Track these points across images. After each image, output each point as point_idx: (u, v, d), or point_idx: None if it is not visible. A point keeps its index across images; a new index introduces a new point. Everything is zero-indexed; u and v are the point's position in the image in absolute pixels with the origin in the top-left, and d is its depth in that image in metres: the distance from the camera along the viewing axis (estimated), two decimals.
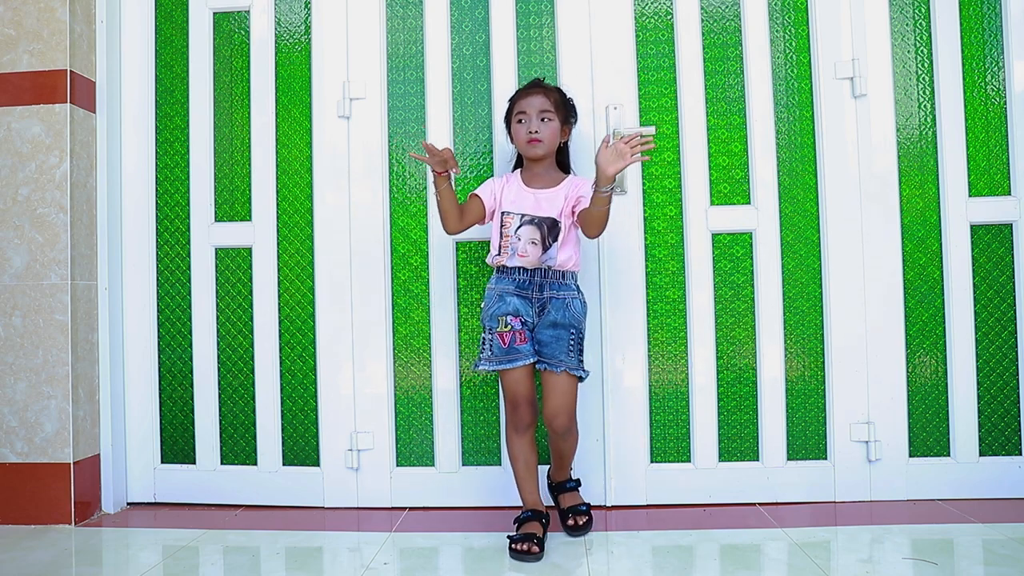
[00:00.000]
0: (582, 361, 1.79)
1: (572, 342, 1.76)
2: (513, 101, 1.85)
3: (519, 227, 1.77)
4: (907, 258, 2.06)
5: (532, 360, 1.76)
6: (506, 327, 1.76)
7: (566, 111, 1.84)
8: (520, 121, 1.80)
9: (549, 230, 1.76)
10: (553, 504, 1.93)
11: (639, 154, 1.58)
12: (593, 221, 1.69)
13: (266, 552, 1.77)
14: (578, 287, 1.82)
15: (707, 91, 2.10)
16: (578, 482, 1.93)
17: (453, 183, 1.81)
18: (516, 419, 1.79)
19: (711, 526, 1.88)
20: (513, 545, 1.68)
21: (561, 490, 1.91)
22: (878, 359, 2.04)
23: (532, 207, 1.78)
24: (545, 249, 1.76)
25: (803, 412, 2.07)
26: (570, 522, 1.82)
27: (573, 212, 1.77)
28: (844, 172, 2.06)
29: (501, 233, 1.80)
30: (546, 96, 1.80)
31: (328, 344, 2.13)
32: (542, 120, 1.78)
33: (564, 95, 1.85)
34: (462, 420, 2.12)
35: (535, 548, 1.66)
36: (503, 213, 1.81)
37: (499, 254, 1.80)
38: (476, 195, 1.85)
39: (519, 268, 1.78)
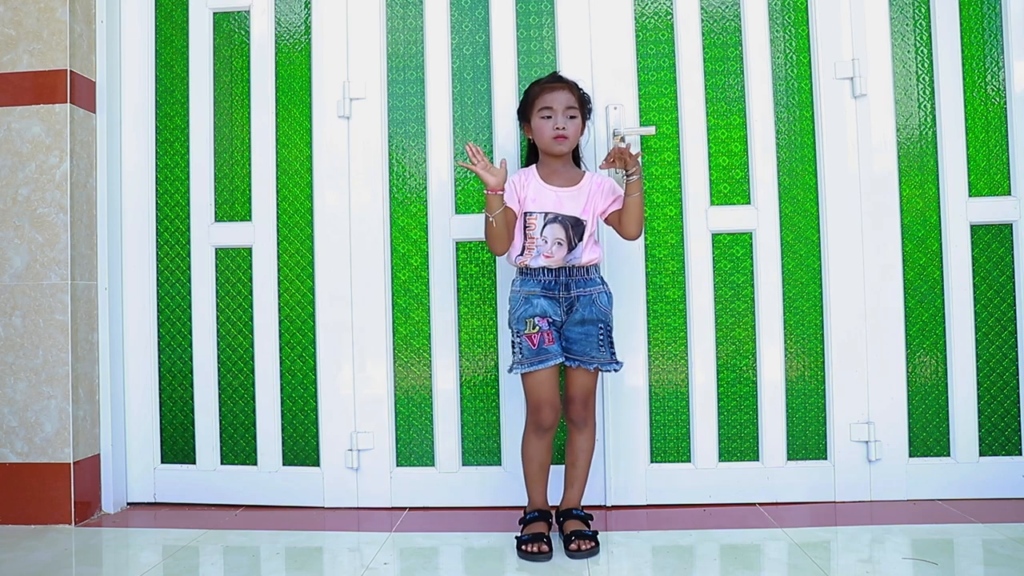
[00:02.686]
0: (614, 353, 1.77)
1: (602, 336, 1.75)
2: (534, 95, 1.79)
3: (544, 227, 1.75)
4: (907, 258, 2.06)
5: (560, 360, 1.73)
6: (534, 328, 1.73)
7: (584, 107, 1.83)
8: (545, 117, 1.75)
9: (573, 229, 1.75)
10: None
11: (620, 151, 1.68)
12: (631, 215, 1.73)
13: (266, 552, 1.77)
14: (602, 279, 1.80)
15: (707, 91, 2.10)
16: (589, 515, 1.79)
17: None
18: (539, 420, 1.74)
19: (711, 526, 1.88)
20: (523, 546, 1.67)
21: (568, 516, 1.77)
22: (878, 359, 2.04)
23: (554, 205, 1.75)
24: (571, 249, 1.75)
25: (803, 412, 2.07)
26: (573, 546, 1.68)
27: (603, 213, 1.79)
28: (844, 172, 2.06)
29: (525, 234, 1.77)
30: (571, 92, 1.77)
31: (328, 344, 2.13)
32: (569, 117, 1.75)
33: (583, 91, 1.83)
34: (462, 420, 2.12)
35: (545, 548, 1.66)
36: (526, 213, 1.77)
37: (522, 254, 1.78)
38: (507, 206, 1.76)
39: (543, 268, 1.76)
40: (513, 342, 1.77)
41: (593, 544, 1.69)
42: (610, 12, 2.10)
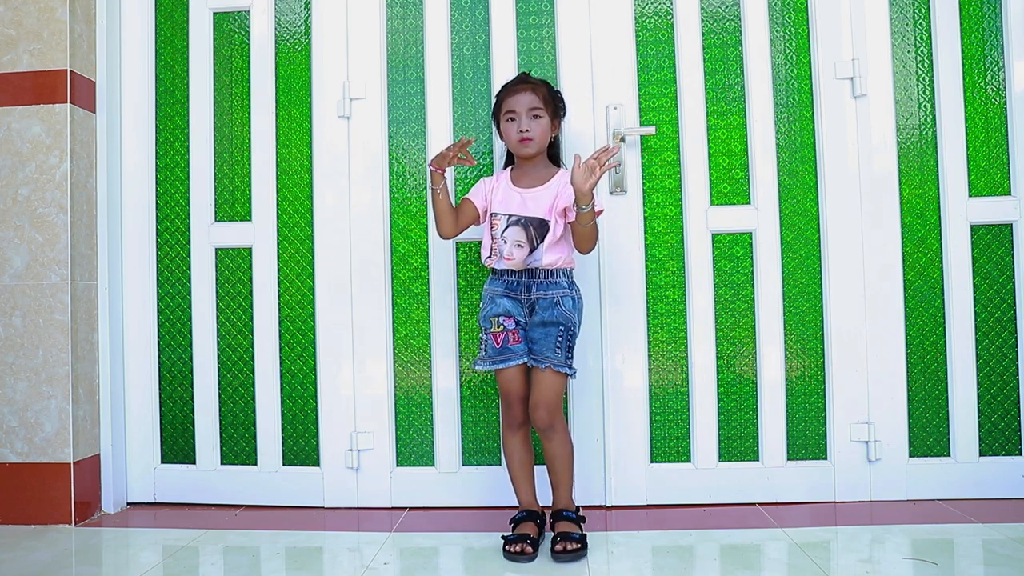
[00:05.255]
0: (571, 358, 1.74)
1: (559, 339, 1.72)
2: (500, 98, 1.79)
3: (505, 228, 1.74)
4: (907, 258, 2.06)
5: (525, 360, 1.74)
6: (499, 328, 1.75)
7: (555, 105, 1.80)
8: (510, 120, 1.76)
9: (536, 230, 1.73)
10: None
11: (607, 164, 1.62)
12: (581, 238, 1.72)
13: (266, 552, 1.77)
14: (571, 283, 1.78)
15: (707, 91, 2.10)
16: (582, 518, 1.77)
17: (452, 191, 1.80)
18: (510, 417, 1.79)
19: (711, 526, 1.88)
20: (507, 546, 1.67)
21: (558, 518, 1.76)
22: (878, 359, 2.04)
23: (518, 207, 1.75)
24: (532, 251, 1.73)
25: (803, 412, 2.07)
26: (558, 547, 1.65)
27: (566, 212, 1.74)
28: (844, 172, 2.06)
29: (491, 235, 1.78)
30: (535, 93, 1.75)
31: (328, 344, 2.13)
32: (533, 118, 1.74)
33: (552, 89, 1.81)
34: (462, 420, 2.12)
35: (528, 549, 1.65)
36: (492, 214, 1.79)
37: (489, 256, 1.79)
38: (468, 199, 1.83)
39: (507, 270, 1.77)
40: (480, 339, 1.80)
41: (579, 547, 1.66)
42: (610, 12, 2.10)
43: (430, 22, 2.15)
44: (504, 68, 2.12)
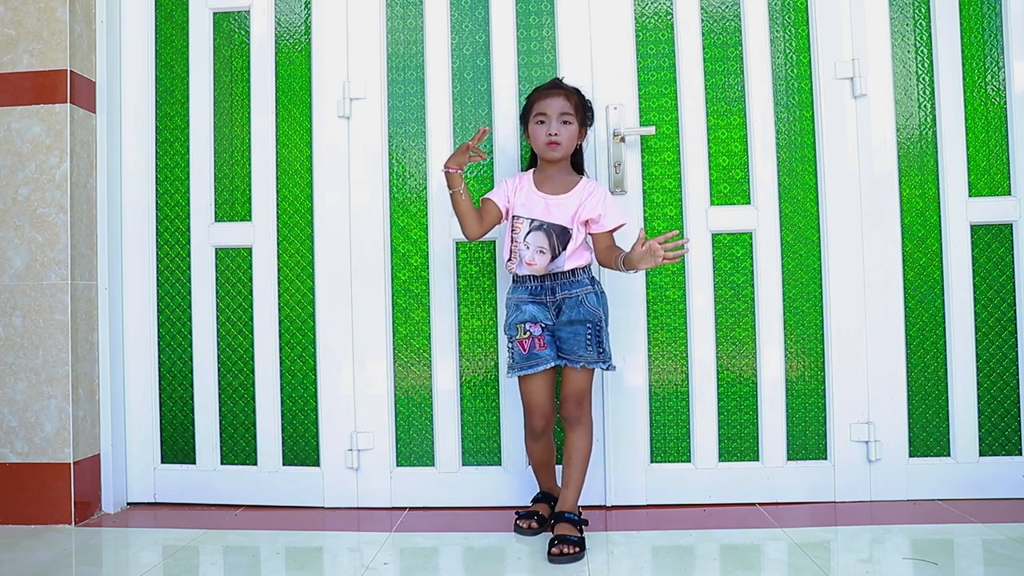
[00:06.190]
0: (603, 352, 1.77)
1: (589, 336, 1.76)
2: (532, 100, 1.82)
3: (528, 233, 1.77)
4: (907, 258, 2.06)
5: (553, 364, 1.77)
6: (525, 334, 1.77)
7: (584, 113, 1.83)
8: (540, 122, 1.78)
9: (558, 237, 1.75)
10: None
11: (670, 256, 1.62)
12: (606, 268, 1.86)
13: (266, 552, 1.77)
14: (592, 279, 1.81)
15: (707, 91, 2.10)
16: (584, 521, 1.77)
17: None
18: (531, 424, 1.82)
19: (711, 526, 1.88)
20: (518, 521, 1.83)
21: (560, 519, 1.74)
22: (878, 359, 2.04)
23: (542, 212, 1.77)
24: (554, 257, 1.75)
25: (803, 412, 2.07)
26: (554, 550, 1.64)
27: (587, 223, 1.77)
28: (844, 172, 2.06)
29: (512, 237, 1.80)
30: (567, 99, 1.78)
31: (328, 344, 2.13)
32: (563, 123, 1.77)
33: (583, 97, 1.84)
34: (462, 420, 2.12)
35: (534, 524, 1.81)
36: (514, 217, 1.80)
37: (510, 260, 1.81)
38: (490, 199, 1.84)
39: (529, 276, 1.79)
40: (508, 347, 1.83)
41: (576, 550, 1.65)
42: (610, 12, 2.10)
43: (430, 22, 2.15)
44: (504, 68, 2.12)
